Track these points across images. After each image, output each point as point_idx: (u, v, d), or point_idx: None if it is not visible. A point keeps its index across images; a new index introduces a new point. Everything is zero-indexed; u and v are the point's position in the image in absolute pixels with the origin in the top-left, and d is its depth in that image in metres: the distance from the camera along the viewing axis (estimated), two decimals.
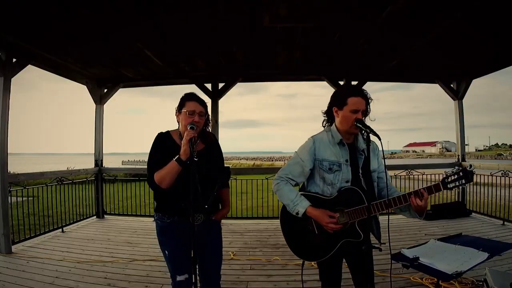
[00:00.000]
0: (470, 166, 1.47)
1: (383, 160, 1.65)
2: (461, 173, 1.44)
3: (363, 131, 1.51)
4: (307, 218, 1.56)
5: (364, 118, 1.56)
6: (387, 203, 1.51)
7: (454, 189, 1.47)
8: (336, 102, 1.59)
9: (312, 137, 1.67)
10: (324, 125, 1.73)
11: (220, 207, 1.85)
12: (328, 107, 1.67)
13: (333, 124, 1.65)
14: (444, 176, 1.49)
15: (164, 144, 1.67)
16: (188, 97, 1.68)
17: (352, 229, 1.55)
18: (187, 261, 1.57)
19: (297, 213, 1.55)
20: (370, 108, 1.58)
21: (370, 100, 1.58)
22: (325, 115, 1.71)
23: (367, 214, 1.49)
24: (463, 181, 1.44)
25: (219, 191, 1.77)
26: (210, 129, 1.81)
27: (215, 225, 1.80)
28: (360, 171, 1.59)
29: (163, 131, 1.74)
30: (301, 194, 1.61)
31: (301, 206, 1.54)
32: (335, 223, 1.51)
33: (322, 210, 1.53)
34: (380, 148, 1.66)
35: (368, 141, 1.50)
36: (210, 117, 1.79)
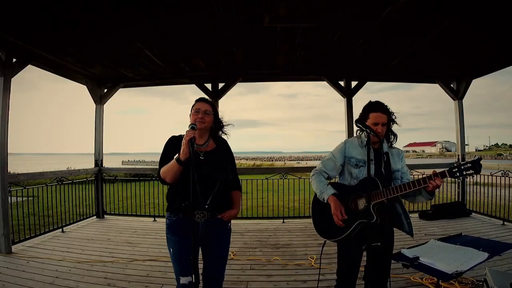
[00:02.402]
0: (475, 156, 1.57)
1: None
2: (469, 164, 1.58)
3: (394, 138, 1.93)
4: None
5: (391, 125, 1.91)
6: (402, 186, 1.71)
7: (460, 177, 1.61)
8: (362, 116, 1.90)
9: (345, 140, 2.03)
10: (357, 133, 2.01)
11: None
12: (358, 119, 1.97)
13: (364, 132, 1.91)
14: (452, 166, 1.65)
15: (174, 144, 1.73)
16: (196, 100, 1.80)
17: (367, 212, 1.74)
18: (191, 262, 1.57)
19: (323, 199, 1.88)
20: (394, 117, 1.90)
21: (392, 113, 1.88)
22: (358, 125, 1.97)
23: (384, 195, 1.72)
24: (471, 171, 1.57)
25: (222, 191, 1.75)
26: (225, 135, 1.87)
27: (223, 225, 1.80)
28: (383, 170, 1.86)
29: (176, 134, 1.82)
30: (329, 183, 1.95)
31: (326, 194, 1.87)
32: (339, 218, 1.79)
33: (340, 203, 1.83)
34: (384, 151, 1.86)
35: (368, 141, 1.70)
36: (221, 118, 1.86)
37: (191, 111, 1.77)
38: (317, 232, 1.97)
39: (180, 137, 1.77)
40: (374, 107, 1.85)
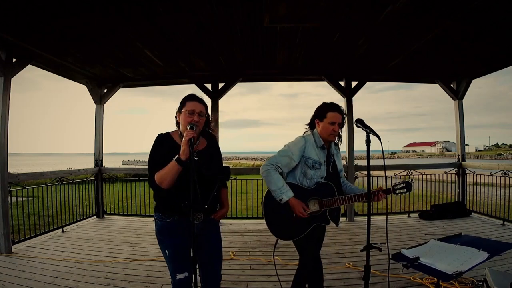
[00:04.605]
0: (412, 179, 1.81)
1: (342, 161, 2.11)
2: (404, 184, 1.87)
3: (340, 139, 2.01)
4: (287, 205, 1.86)
5: (340, 130, 1.96)
6: (355, 197, 1.88)
7: (399, 194, 1.90)
8: (318, 115, 1.97)
9: (303, 137, 1.98)
10: (305, 133, 2.06)
11: (219, 207, 1.85)
12: (311, 119, 2.03)
13: (315, 130, 2.00)
14: (394, 184, 1.90)
15: (164, 145, 1.67)
16: (188, 98, 1.69)
17: (323, 216, 1.92)
18: (186, 260, 1.58)
19: (280, 200, 1.85)
20: (344, 122, 1.98)
21: (344, 115, 1.97)
22: (307, 126, 2.05)
23: (340, 203, 1.88)
24: (405, 190, 1.86)
25: (218, 191, 1.79)
26: (211, 130, 1.84)
27: (214, 225, 1.81)
28: (331, 170, 1.98)
29: (163, 132, 1.75)
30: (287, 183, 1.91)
31: (285, 195, 1.84)
32: (304, 215, 1.86)
33: (300, 201, 1.86)
34: (380, 149, 1.82)
35: (368, 141, 1.69)
36: (210, 117, 1.81)
37: (180, 109, 1.67)
38: (271, 232, 1.96)
39: (167, 134, 1.72)
40: (332, 106, 1.94)
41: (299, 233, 1.90)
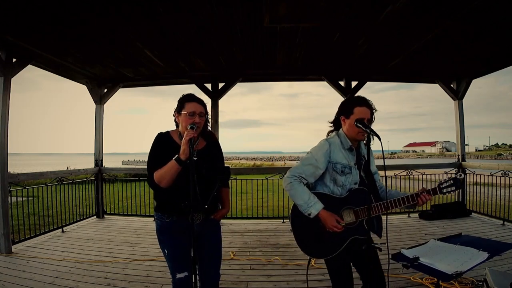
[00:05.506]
0: (460, 175, 1.65)
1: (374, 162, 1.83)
2: (452, 181, 1.65)
3: (371, 135, 1.67)
4: (318, 218, 1.64)
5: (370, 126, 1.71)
6: (397, 202, 1.64)
7: (447, 194, 1.68)
8: (344, 111, 1.73)
9: (327, 140, 1.75)
10: (329, 133, 1.84)
11: (220, 207, 1.85)
12: (335, 116, 1.80)
13: (340, 130, 1.77)
14: (439, 182, 1.69)
15: (164, 144, 1.67)
16: (188, 98, 1.68)
17: (360, 227, 1.66)
18: (186, 259, 1.58)
19: (309, 214, 1.62)
20: (374, 117, 1.74)
21: (374, 110, 1.73)
22: (332, 124, 1.84)
23: (378, 211, 1.64)
24: (454, 188, 1.65)
25: (219, 191, 1.78)
26: (210, 128, 1.84)
27: (215, 225, 1.81)
28: (363, 174, 1.74)
29: (163, 131, 1.75)
30: (314, 194, 1.67)
31: (314, 208, 1.62)
32: (340, 229, 1.62)
33: (331, 213, 1.63)
34: (380, 149, 1.73)
35: (368, 141, 1.62)
36: (209, 117, 1.79)
37: (179, 110, 1.65)
38: (302, 250, 1.72)
39: (167, 134, 1.72)
40: (360, 100, 1.70)
41: (334, 249, 1.65)
